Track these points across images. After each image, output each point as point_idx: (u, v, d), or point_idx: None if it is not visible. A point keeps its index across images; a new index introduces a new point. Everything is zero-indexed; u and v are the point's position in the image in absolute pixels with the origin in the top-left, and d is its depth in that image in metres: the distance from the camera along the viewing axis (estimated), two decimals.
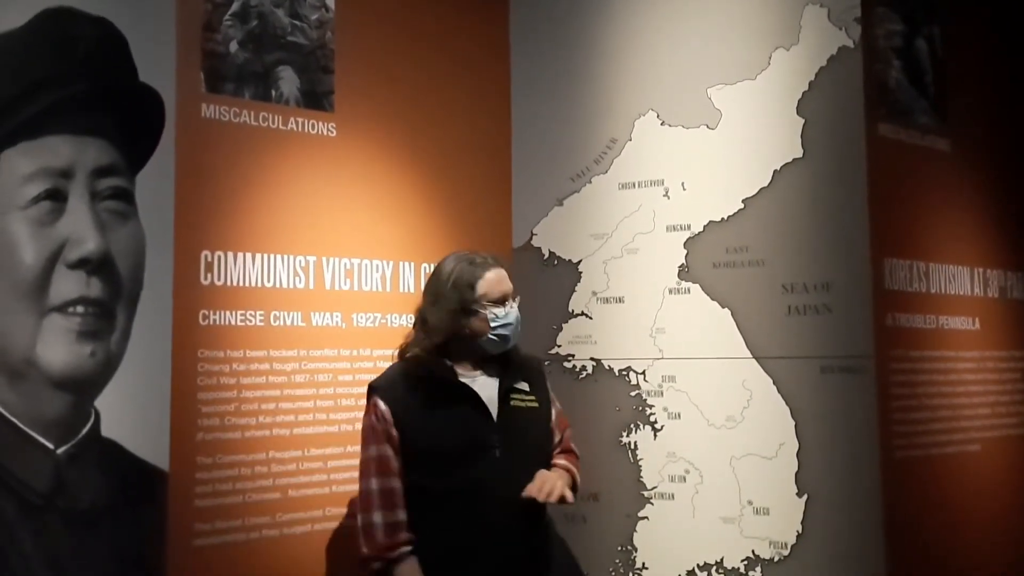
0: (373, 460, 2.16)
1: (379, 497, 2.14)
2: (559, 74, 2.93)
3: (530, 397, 2.29)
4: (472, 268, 2.21)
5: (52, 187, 2.03)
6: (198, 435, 2.23)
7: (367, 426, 2.21)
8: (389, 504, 2.14)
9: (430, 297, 2.24)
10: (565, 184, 2.90)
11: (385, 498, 2.14)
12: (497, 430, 2.19)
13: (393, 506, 2.14)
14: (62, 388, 2.03)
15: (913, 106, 2.74)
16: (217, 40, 2.35)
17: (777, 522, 2.49)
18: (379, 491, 2.14)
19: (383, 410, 2.18)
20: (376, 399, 2.20)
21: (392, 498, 2.15)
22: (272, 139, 2.44)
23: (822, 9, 2.57)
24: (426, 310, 2.24)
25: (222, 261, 2.32)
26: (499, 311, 2.21)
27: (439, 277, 2.24)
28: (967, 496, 2.71)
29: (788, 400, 2.52)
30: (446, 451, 2.16)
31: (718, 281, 2.64)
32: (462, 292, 2.19)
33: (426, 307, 2.24)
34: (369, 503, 2.15)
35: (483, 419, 2.19)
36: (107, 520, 2.08)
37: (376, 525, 2.12)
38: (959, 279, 2.84)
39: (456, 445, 2.16)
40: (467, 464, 2.15)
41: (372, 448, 2.17)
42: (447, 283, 2.20)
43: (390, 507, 2.14)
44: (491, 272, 2.22)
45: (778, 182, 2.58)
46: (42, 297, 2.01)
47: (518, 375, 2.29)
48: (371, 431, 2.19)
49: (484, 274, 2.21)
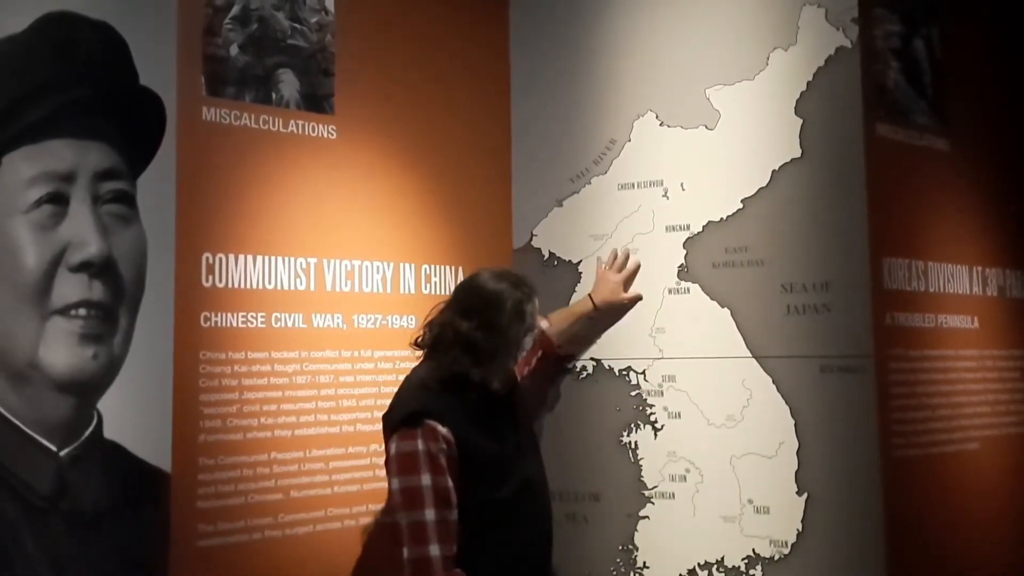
0: (429, 490, 2.05)
1: (436, 529, 2.04)
2: (558, 76, 2.94)
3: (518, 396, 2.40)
4: (530, 298, 2.23)
5: (54, 191, 2.04)
6: (200, 436, 2.23)
7: (413, 452, 2.08)
8: (447, 537, 2.06)
9: (477, 320, 2.16)
10: (565, 185, 2.91)
11: (443, 530, 2.05)
12: (514, 422, 2.29)
13: (451, 539, 2.07)
14: (65, 391, 2.04)
15: (911, 106, 2.75)
16: (218, 44, 2.36)
17: (777, 521, 2.50)
18: (436, 522, 2.05)
19: (444, 435, 2.09)
20: (431, 423, 2.09)
21: (450, 530, 2.07)
22: (273, 142, 2.45)
23: (820, 10, 2.58)
24: (473, 333, 2.15)
25: (223, 263, 2.33)
26: (528, 340, 2.28)
27: (495, 305, 2.17)
28: (967, 494, 2.72)
29: (788, 399, 2.52)
30: (502, 459, 2.20)
31: (717, 281, 2.64)
32: (519, 327, 2.20)
33: (471, 329, 2.16)
34: (424, 535, 2.04)
35: (510, 420, 2.28)
36: (110, 522, 2.09)
37: (435, 560, 2.02)
38: (958, 278, 2.85)
39: (506, 451, 2.21)
40: (516, 466, 2.21)
41: (426, 477, 2.06)
42: (506, 313, 2.16)
43: (447, 540, 2.06)
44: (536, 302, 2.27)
45: (777, 182, 2.59)
46: (45, 300, 2.02)
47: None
48: (423, 458, 2.07)
49: (528, 307, 2.23)
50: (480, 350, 2.15)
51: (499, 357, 2.19)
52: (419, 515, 2.05)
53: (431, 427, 2.09)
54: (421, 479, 2.06)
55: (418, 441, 2.08)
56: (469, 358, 2.15)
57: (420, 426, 2.09)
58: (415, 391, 2.21)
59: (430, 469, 2.06)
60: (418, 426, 2.10)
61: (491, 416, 2.22)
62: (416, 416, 2.11)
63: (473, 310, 2.18)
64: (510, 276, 2.26)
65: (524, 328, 2.21)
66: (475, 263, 2.79)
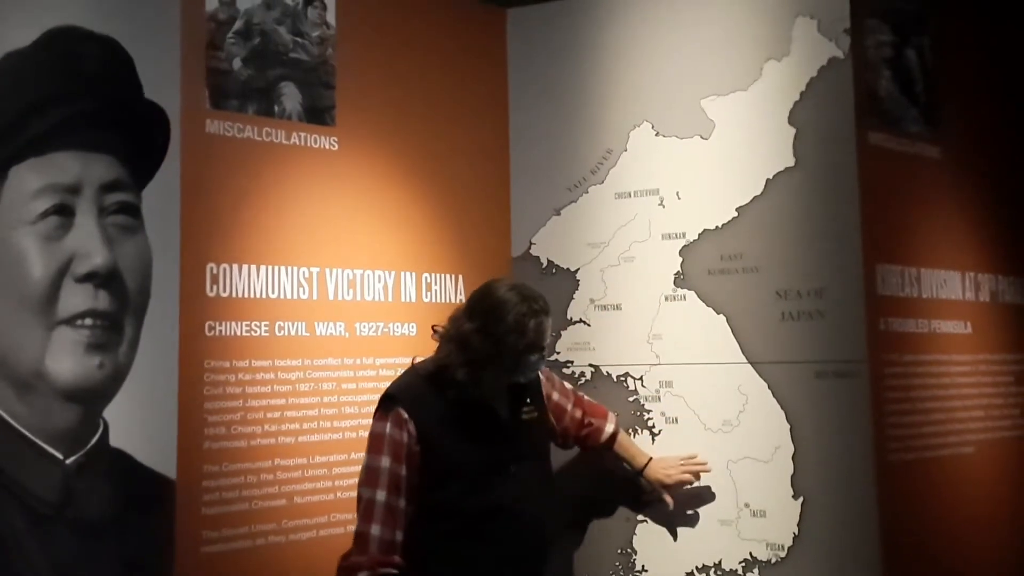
0: (385, 473, 2.10)
1: (383, 511, 2.09)
2: (555, 87, 2.97)
3: (530, 407, 2.33)
4: (528, 314, 2.13)
5: (60, 202, 2.06)
6: (205, 444, 2.25)
7: (381, 434, 2.13)
8: (390, 521, 2.10)
9: (479, 323, 2.14)
10: (562, 194, 2.93)
11: (388, 514, 2.10)
12: (512, 446, 2.23)
13: (394, 525, 2.10)
14: (71, 399, 2.06)
15: (903, 115, 2.78)
16: (221, 57, 2.40)
17: (774, 524, 2.52)
18: (384, 505, 2.10)
19: (407, 423, 2.12)
20: (399, 410, 2.14)
21: (395, 517, 2.11)
22: (275, 153, 2.48)
23: (812, 21, 2.62)
24: (471, 334, 2.14)
25: (227, 273, 2.36)
26: (532, 357, 2.18)
27: (497, 312, 2.13)
28: (961, 498, 2.73)
29: (783, 404, 2.55)
30: (473, 469, 2.16)
31: (713, 288, 2.67)
32: (516, 341, 2.12)
33: (471, 331, 2.14)
34: (370, 514, 2.10)
35: (500, 435, 2.22)
36: (115, 529, 2.11)
37: (373, 538, 2.08)
38: (951, 284, 2.88)
39: (482, 463, 2.17)
40: (491, 482, 2.16)
41: (385, 460, 2.11)
42: (506, 322, 2.12)
43: (391, 524, 2.10)
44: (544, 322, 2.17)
45: (771, 190, 2.62)
46: (51, 310, 2.04)
47: (524, 391, 2.33)
48: (387, 441, 2.12)
49: (531, 323, 2.14)
50: (472, 351, 2.14)
51: (490, 364, 2.15)
52: (371, 493, 2.11)
53: (399, 414, 2.13)
54: (381, 460, 2.12)
55: (387, 424, 2.14)
56: (461, 356, 2.15)
57: (390, 411, 2.15)
58: (404, 376, 2.26)
59: (391, 453, 2.12)
60: (389, 410, 2.15)
61: (473, 424, 2.18)
62: (389, 400, 2.17)
63: (477, 312, 2.18)
64: (524, 290, 2.19)
65: (523, 342, 2.13)
66: (475, 271, 2.82)
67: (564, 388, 2.56)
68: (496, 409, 2.23)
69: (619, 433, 2.58)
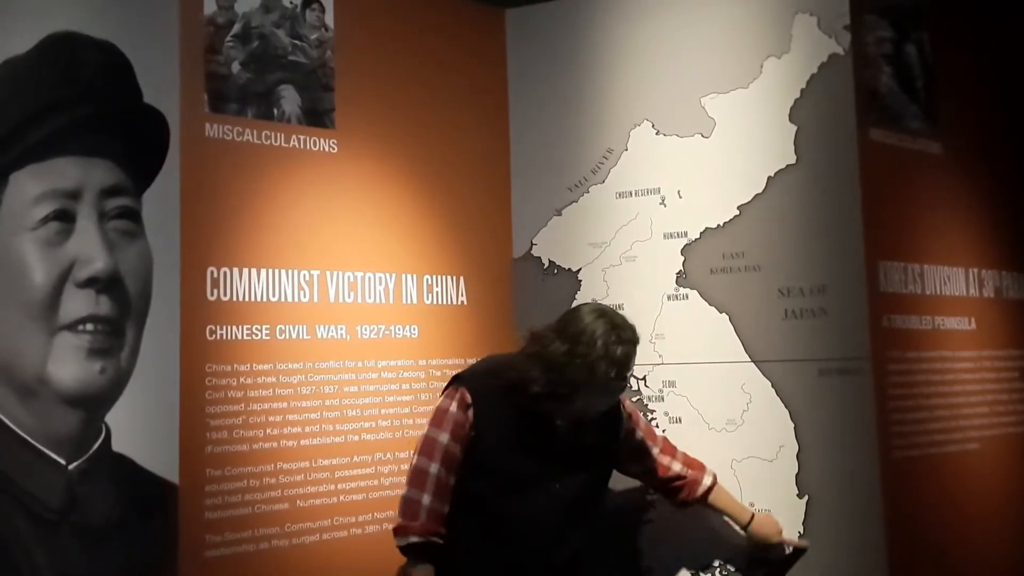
0: (440, 447, 2.17)
1: (435, 483, 2.16)
2: (555, 87, 2.96)
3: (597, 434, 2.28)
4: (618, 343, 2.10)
5: (60, 208, 2.06)
6: (207, 448, 2.25)
7: (446, 409, 2.20)
8: (441, 494, 2.17)
9: (568, 346, 2.11)
10: (563, 194, 2.93)
11: (440, 487, 2.16)
12: (563, 465, 2.22)
13: (444, 497, 2.17)
14: (73, 405, 2.06)
15: (904, 111, 2.78)
16: (219, 61, 2.40)
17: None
18: (437, 477, 2.16)
19: (469, 408, 2.19)
20: (465, 392, 2.21)
21: (445, 490, 2.17)
22: (275, 156, 2.48)
23: (812, 18, 2.62)
24: (560, 359, 2.10)
25: (228, 277, 2.36)
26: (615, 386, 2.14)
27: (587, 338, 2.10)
28: (967, 495, 2.73)
29: (787, 403, 2.55)
30: (513, 474, 2.19)
31: (715, 287, 2.67)
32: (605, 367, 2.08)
33: (560, 354, 2.10)
34: (423, 482, 2.16)
35: (555, 451, 2.21)
36: (119, 534, 2.11)
37: (424, 506, 2.14)
38: (954, 280, 2.87)
39: (524, 471, 2.19)
40: (528, 492, 2.19)
41: (444, 435, 2.18)
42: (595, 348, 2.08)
43: (441, 497, 2.17)
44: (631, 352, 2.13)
45: (772, 188, 2.62)
46: (52, 316, 2.04)
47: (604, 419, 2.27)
48: (448, 418, 2.19)
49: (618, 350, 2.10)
50: (556, 369, 2.10)
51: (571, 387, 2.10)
52: (425, 463, 2.17)
53: (464, 396, 2.20)
54: (440, 434, 2.18)
55: (453, 402, 2.21)
56: (544, 376, 2.12)
57: (458, 390, 2.22)
58: (480, 364, 2.34)
59: (451, 429, 2.18)
60: (457, 390, 2.22)
61: (529, 432, 2.19)
62: (458, 380, 2.25)
63: (567, 336, 2.13)
64: (615, 318, 2.16)
65: (611, 370, 2.09)
66: (476, 272, 2.83)
67: (650, 430, 2.49)
68: (560, 426, 2.19)
69: (717, 486, 2.47)
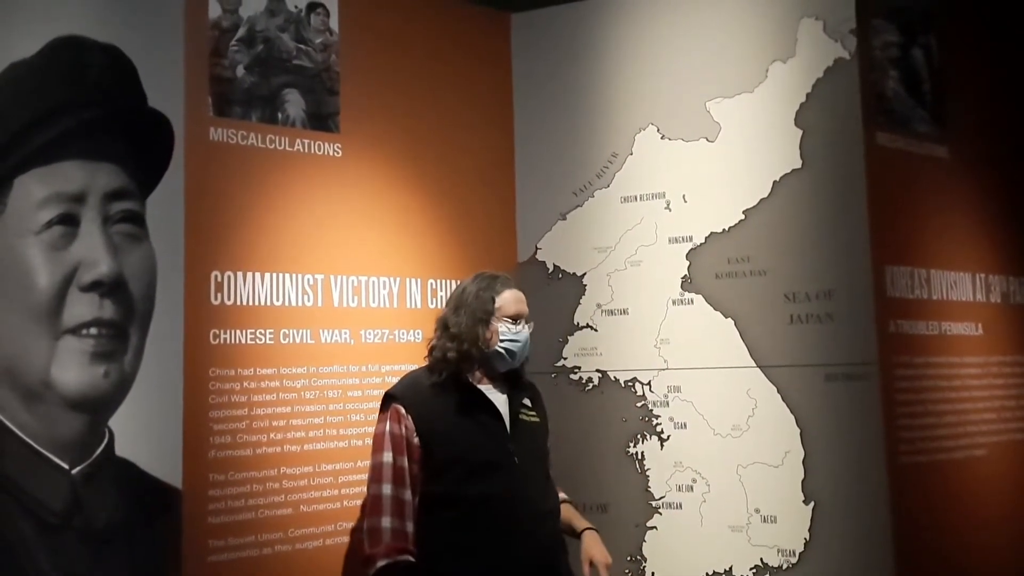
0: (388, 467, 2.21)
1: (391, 503, 2.18)
2: (560, 91, 2.97)
3: (532, 412, 2.39)
4: (493, 283, 2.36)
5: (65, 212, 2.06)
6: (210, 453, 2.25)
7: (383, 432, 2.25)
8: (399, 512, 2.19)
9: (452, 305, 2.36)
10: (568, 198, 2.93)
11: (396, 506, 2.18)
12: (513, 441, 2.28)
13: (403, 515, 2.19)
14: (77, 409, 2.06)
15: (910, 114, 2.77)
16: (224, 65, 2.40)
17: (785, 530, 2.51)
18: (391, 498, 2.19)
19: (405, 418, 2.23)
20: (397, 406, 2.25)
21: (402, 508, 2.19)
22: (279, 160, 2.48)
23: (818, 22, 2.61)
24: (448, 317, 2.34)
25: (232, 281, 2.36)
26: (512, 327, 2.32)
27: (463, 288, 2.38)
28: (974, 500, 2.72)
29: (793, 408, 2.54)
30: (474, 460, 2.22)
31: (721, 291, 2.66)
32: (483, 303, 2.32)
33: (448, 315, 2.35)
34: (379, 508, 2.18)
35: (500, 430, 2.28)
36: (122, 538, 2.10)
37: (384, 529, 2.16)
38: (961, 285, 2.86)
39: (482, 454, 2.23)
40: (494, 473, 2.21)
41: (387, 454, 2.21)
42: (470, 294, 2.34)
43: (400, 515, 2.19)
44: (510, 291, 2.37)
45: (778, 193, 2.61)
46: (56, 320, 2.03)
47: (523, 392, 2.40)
48: (389, 437, 2.23)
49: (503, 290, 2.35)
50: (450, 331, 2.30)
51: (468, 336, 2.28)
52: (377, 488, 2.21)
53: (396, 410, 2.25)
54: (383, 456, 2.22)
55: (386, 423, 2.25)
56: (446, 339, 2.31)
57: (388, 408, 2.27)
58: (402, 378, 2.38)
59: (392, 447, 2.22)
60: (387, 408, 2.28)
61: (472, 417, 2.26)
62: (386, 399, 2.29)
63: (450, 299, 2.41)
64: (492, 273, 2.42)
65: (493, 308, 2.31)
66: None
67: None
68: (494, 403, 2.28)
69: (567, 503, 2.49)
